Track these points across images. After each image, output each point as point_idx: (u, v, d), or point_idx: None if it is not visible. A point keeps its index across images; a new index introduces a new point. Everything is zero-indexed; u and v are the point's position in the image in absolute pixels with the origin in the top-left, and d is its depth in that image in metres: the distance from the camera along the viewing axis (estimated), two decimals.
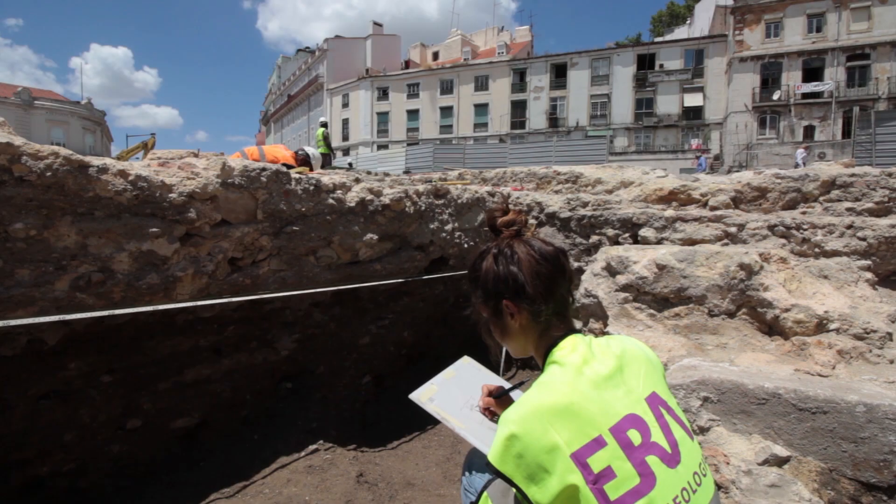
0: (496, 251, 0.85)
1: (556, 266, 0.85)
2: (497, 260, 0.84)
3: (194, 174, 1.79)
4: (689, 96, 35.66)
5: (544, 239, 0.91)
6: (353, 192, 2.36)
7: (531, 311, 0.83)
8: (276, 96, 60.21)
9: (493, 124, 41.34)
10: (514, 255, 0.83)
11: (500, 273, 0.83)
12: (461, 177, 4.07)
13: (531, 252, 0.83)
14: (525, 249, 0.83)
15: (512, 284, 0.82)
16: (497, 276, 0.83)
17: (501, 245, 0.85)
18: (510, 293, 0.82)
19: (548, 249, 0.85)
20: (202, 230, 1.80)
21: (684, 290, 2.04)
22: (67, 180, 1.47)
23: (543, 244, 0.86)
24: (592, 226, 3.07)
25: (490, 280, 0.84)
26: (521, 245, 0.84)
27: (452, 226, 2.97)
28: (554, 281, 0.84)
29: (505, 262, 0.83)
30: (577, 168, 3.43)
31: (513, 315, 0.83)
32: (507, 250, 0.84)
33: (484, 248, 0.89)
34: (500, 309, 0.84)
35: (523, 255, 0.83)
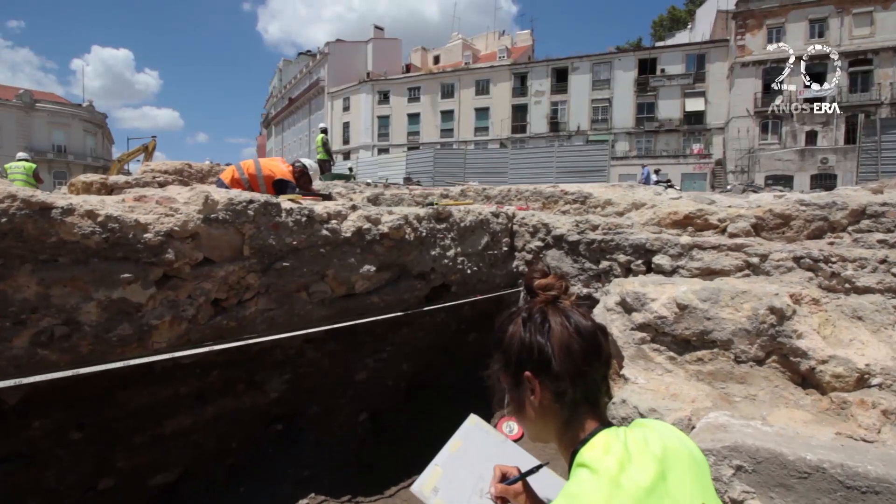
0: (526, 315, 0.74)
1: (592, 344, 0.73)
2: (525, 325, 0.73)
3: (173, 210, 1.63)
4: (691, 101, 35.60)
5: (584, 311, 0.79)
6: (349, 221, 2.20)
7: (554, 390, 0.72)
8: (278, 99, 60.17)
9: (494, 128, 41.27)
10: (546, 324, 0.72)
11: (527, 341, 0.72)
12: (463, 194, 3.91)
13: (565, 323, 0.72)
14: (559, 319, 0.72)
15: (537, 356, 0.71)
16: (522, 344, 0.73)
17: (533, 310, 0.75)
18: (534, 365, 0.72)
19: (585, 324, 0.73)
20: (181, 271, 1.64)
21: (708, 333, 1.88)
22: (27, 225, 1.31)
23: (581, 317, 0.74)
24: (603, 250, 2.91)
25: (514, 346, 0.74)
26: (556, 314, 0.73)
27: (455, 251, 2.81)
28: (587, 360, 0.72)
29: (534, 329, 0.72)
30: (586, 188, 3.28)
31: (533, 391, 0.73)
32: (539, 317, 0.73)
33: (514, 310, 0.79)
34: (520, 381, 0.74)
35: (556, 325, 0.72)
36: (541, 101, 39.32)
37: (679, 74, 35.38)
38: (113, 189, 4.90)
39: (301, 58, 56.31)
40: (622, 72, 36.43)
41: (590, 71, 37.75)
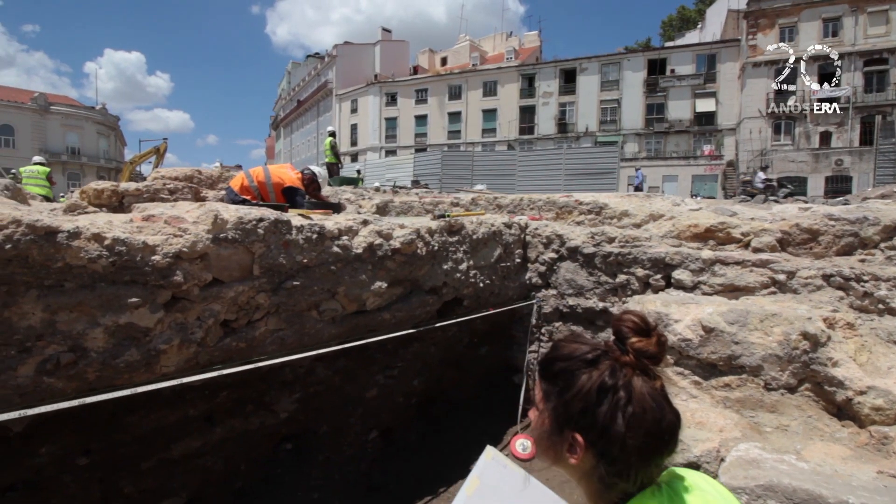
0: (609, 378, 0.63)
1: (669, 442, 0.63)
2: (604, 391, 0.62)
3: (182, 230, 1.58)
4: (701, 101, 35.27)
5: (667, 393, 0.67)
6: (360, 236, 2.14)
7: (601, 470, 0.63)
8: (286, 101, 60.51)
9: (502, 130, 41.18)
10: (629, 406, 0.61)
11: (600, 411, 0.62)
12: (474, 203, 3.84)
13: (653, 414, 0.61)
14: (647, 403, 0.61)
15: (600, 431, 0.62)
16: (590, 407, 0.63)
17: (619, 376, 0.63)
18: (591, 435, 0.62)
19: (671, 420, 0.63)
20: (190, 293, 1.59)
21: (736, 357, 1.80)
22: (31, 251, 1.27)
23: (668, 405, 0.63)
24: (619, 264, 2.83)
25: (579, 401, 0.63)
26: (644, 396, 0.62)
27: (467, 264, 2.75)
28: (656, 455, 0.63)
29: (612, 402, 0.62)
30: (601, 198, 3.20)
31: (575, 453, 0.64)
32: (624, 393, 0.62)
33: (596, 351, 0.66)
34: (563, 432, 0.65)
35: (640, 409, 0.61)
36: (549, 102, 39.18)
37: (689, 75, 35.04)
38: (124, 196, 4.89)
39: (309, 60, 56.60)
40: (631, 72, 36.19)
41: (598, 72, 37.54)
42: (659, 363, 0.67)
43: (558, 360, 0.70)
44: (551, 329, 3.20)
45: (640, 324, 0.68)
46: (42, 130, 46.55)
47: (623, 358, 0.65)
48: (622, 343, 0.67)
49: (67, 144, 48.04)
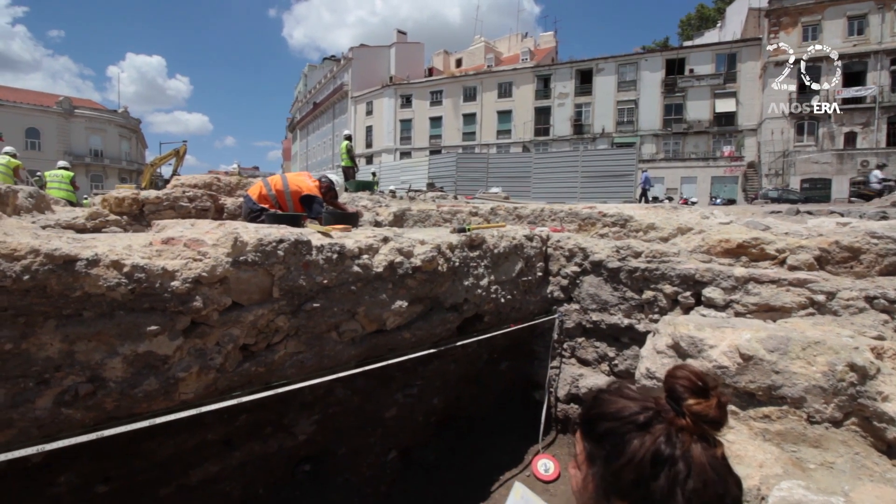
0: (665, 443, 0.56)
1: None
2: (659, 456, 0.55)
3: (201, 254, 1.54)
4: (721, 102, 34.63)
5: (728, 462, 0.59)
6: (380, 255, 2.10)
7: None
8: (303, 104, 61.15)
9: (517, 131, 40.98)
10: (689, 481, 0.53)
11: (654, 479, 0.55)
12: (494, 213, 3.77)
13: (713, 481, 0.54)
14: (708, 476, 0.54)
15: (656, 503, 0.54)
16: (642, 474, 0.55)
17: (676, 445, 0.56)
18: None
19: (734, 493, 0.56)
20: (209, 318, 1.56)
21: (776, 388, 1.70)
22: (50, 281, 1.24)
23: (730, 476, 0.56)
24: (646, 279, 2.73)
25: (632, 469, 0.56)
26: (704, 460, 0.55)
27: (488, 279, 2.68)
28: None
29: (670, 470, 0.54)
30: (626, 210, 3.10)
31: None
32: (683, 465, 0.54)
33: (647, 412, 0.59)
34: (610, 500, 0.59)
35: (699, 481, 0.53)
36: (564, 103, 38.86)
37: (709, 74, 34.41)
38: (144, 204, 4.94)
39: (326, 63, 57.12)
40: (649, 72, 35.71)
41: (615, 72, 37.12)
42: (720, 428, 0.60)
43: (604, 420, 0.63)
44: (573, 344, 3.11)
45: (696, 382, 0.61)
46: (67, 133, 47.85)
47: (678, 421, 0.58)
48: (677, 403, 0.60)
49: (91, 147, 49.34)
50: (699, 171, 31.21)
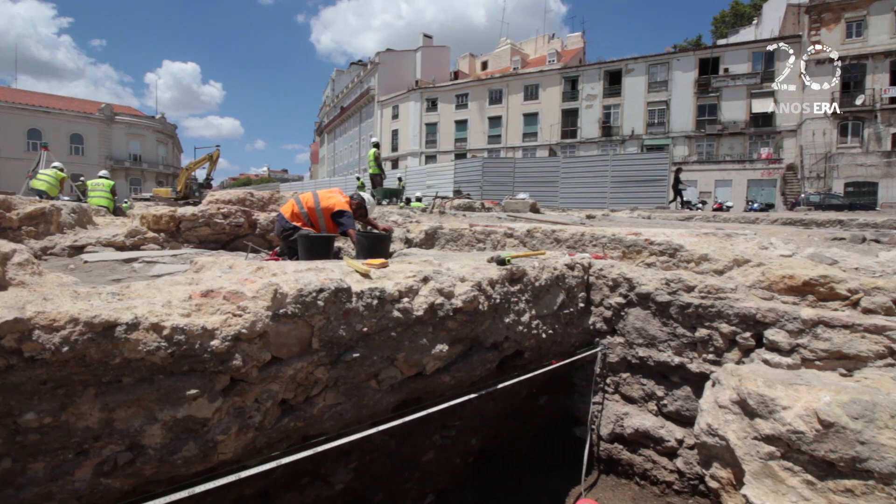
0: None
1: None
2: None
3: (241, 309, 1.48)
4: (758, 102, 33.38)
5: None
6: (420, 296, 2.00)
7: None
8: (330, 108, 62.11)
9: (543, 134, 40.53)
10: None
11: None
12: (530, 235, 3.64)
13: None
14: None
15: None
16: None
17: None
18: None
19: None
20: (249, 375, 1.49)
21: (861, 460, 1.52)
22: (90, 349, 1.19)
23: None
24: (700, 316, 2.55)
25: None
26: None
27: (529, 315, 2.55)
28: None
29: None
30: (675, 238, 2.91)
31: None
32: None
33: None
34: None
35: None
36: (592, 104, 38.22)
37: (745, 74, 33.26)
38: (181, 221, 5.00)
39: (353, 67, 57.89)
40: (681, 72, 34.74)
41: (645, 72, 36.27)
42: None
43: None
44: (617, 380, 2.95)
45: None
46: (108, 139, 49.99)
47: None
48: None
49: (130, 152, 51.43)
50: (734, 174, 30.14)
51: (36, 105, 45.92)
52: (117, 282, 3.55)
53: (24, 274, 1.29)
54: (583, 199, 19.55)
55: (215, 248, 5.08)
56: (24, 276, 1.28)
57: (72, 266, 3.84)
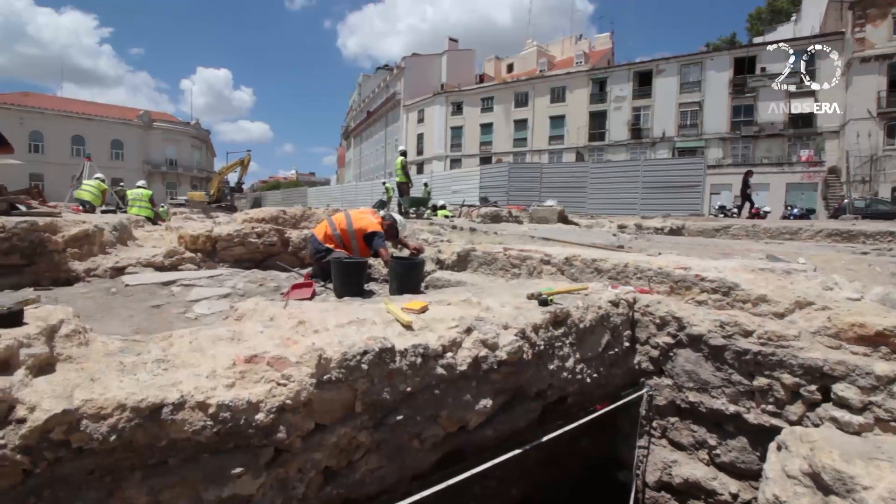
0: None
1: None
2: None
3: (285, 377, 1.43)
4: (798, 102, 32.03)
5: None
6: (464, 349, 1.92)
7: None
8: (357, 112, 62.91)
9: (570, 137, 39.98)
10: None
11: None
12: (569, 263, 3.51)
13: None
14: None
15: None
16: None
17: None
18: None
19: None
20: (293, 446, 1.44)
21: None
22: (137, 434, 1.16)
23: None
24: (759, 364, 2.38)
25: None
26: None
27: (573, 359, 2.44)
28: None
29: None
30: (729, 275, 2.74)
31: None
32: None
33: None
34: None
35: None
36: (621, 106, 37.49)
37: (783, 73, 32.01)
38: (217, 241, 5.07)
39: (379, 72, 58.47)
40: (715, 72, 33.70)
41: (677, 73, 35.35)
42: None
43: None
44: (665, 424, 2.80)
45: None
46: (146, 144, 51.99)
47: None
48: None
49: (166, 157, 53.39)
50: (772, 178, 29.01)
51: (79, 112, 48.09)
52: (157, 308, 3.60)
53: (70, 346, 1.27)
54: (612, 206, 19.13)
55: (249, 266, 5.12)
56: (71, 348, 1.26)
57: (113, 290, 3.92)
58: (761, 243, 5.52)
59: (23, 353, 1.13)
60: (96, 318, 3.20)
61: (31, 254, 4.09)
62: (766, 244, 5.54)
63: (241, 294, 4.03)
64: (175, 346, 1.60)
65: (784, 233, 11.88)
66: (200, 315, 3.44)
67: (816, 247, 5.32)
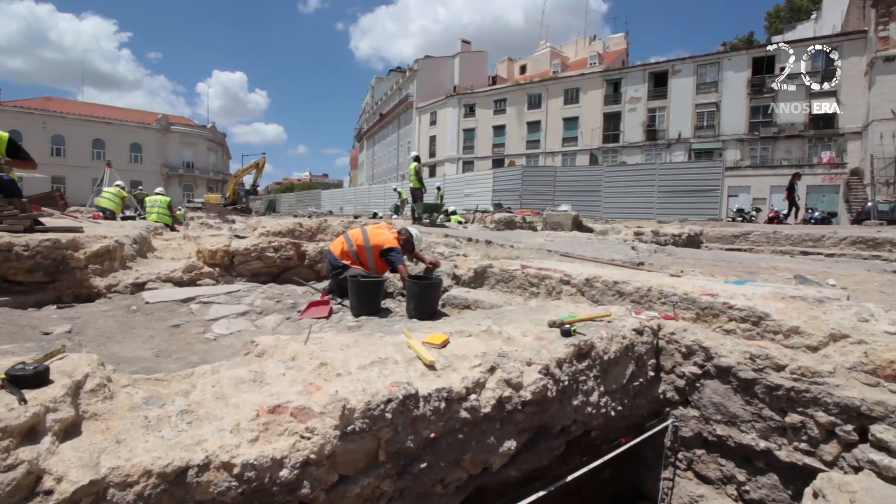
0: None
1: None
2: None
3: (309, 430, 1.41)
4: (818, 102, 31.38)
5: None
6: (487, 390, 1.88)
7: None
8: (370, 115, 63.20)
9: (584, 138, 39.65)
10: None
11: None
12: (590, 285, 3.44)
13: None
14: None
15: None
16: None
17: None
18: None
19: None
20: (316, 500, 1.42)
21: None
22: (162, 500, 1.14)
23: None
24: (792, 401, 2.30)
25: None
26: None
27: (598, 392, 2.38)
28: None
29: None
30: (759, 304, 2.65)
31: None
32: None
33: None
34: None
35: None
36: (636, 107, 37.08)
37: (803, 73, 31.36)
38: (235, 255, 5.09)
39: (392, 74, 58.67)
40: (732, 72, 33.16)
41: (694, 73, 34.85)
42: None
43: None
44: (691, 456, 2.72)
45: None
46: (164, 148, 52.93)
47: None
48: None
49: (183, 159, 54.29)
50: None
51: (100, 116, 49.07)
52: (177, 327, 3.62)
53: (96, 402, 1.26)
54: (628, 210, 18.90)
55: (266, 280, 5.14)
56: (96, 404, 1.25)
57: (134, 307, 3.95)
58: (787, 259, 5.36)
59: (49, 419, 1.12)
60: (117, 339, 3.23)
61: (54, 271, 4.15)
62: (793, 259, 5.38)
63: (258, 312, 4.04)
64: (198, 391, 1.58)
65: (806, 240, 11.58)
66: (219, 336, 3.45)
67: (846, 264, 5.15)
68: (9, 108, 42.58)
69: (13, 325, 3.25)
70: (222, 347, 3.20)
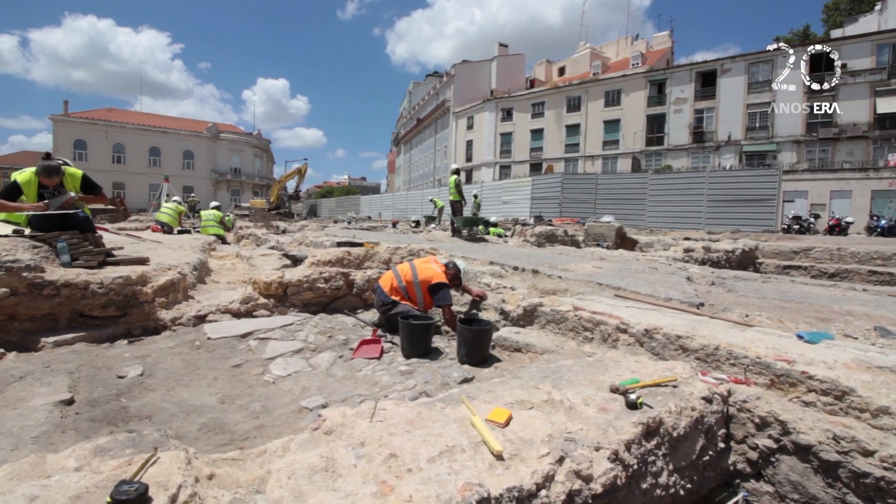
0: None
1: None
2: None
3: None
4: (884, 101, 29.49)
5: None
6: (557, 483, 1.83)
7: None
8: (407, 119, 63.91)
9: (626, 141, 38.61)
10: None
11: None
12: (649, 336, 3.32)
13: None
14: None
15: None
16: None
17: None
18: None
19: None
20: None
21: None
22: None
23: None
24: (881, 490, 2.13)
25: None
26: None
27: (666, 471, 2.28)
28: None
29: None
30: (843, 377, 2.47)
31: None
32: None
33: None
34: None
35: None
36: (682, 109, 35.77)
37: (867, 69, 29.38)
38: (287, 287, 5.25)
39: (429, 79, 59.08)
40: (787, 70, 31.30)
41: (745, 72, 33.30)
42: None
43: None
44: None
45: None
46: (213, 154, 55.47)
47: None
48: None
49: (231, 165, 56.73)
50: (855, 184, 26.59)
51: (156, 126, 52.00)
52: (237, 367, 3.76)
53: None
54: (674, 219, 18.23)
55: (316, 310, 5.27)
56: None
57: (197, 343, 4.14)
58: (861, 297, 4.99)
59: None
60: (185, 382, 3.39)
61: (125, 305, 4.40)
62: (868, 298, 5.01)
63: (312, 349, 4.14)
64: (273, 479, 1.62)
65: (875, 258, 10.81)
66: (277, 378, 3.55)
67: None
68: (76, 119, 45.83)
69: (91, 368, 3.46)
70: (282, 393, 3.29)
